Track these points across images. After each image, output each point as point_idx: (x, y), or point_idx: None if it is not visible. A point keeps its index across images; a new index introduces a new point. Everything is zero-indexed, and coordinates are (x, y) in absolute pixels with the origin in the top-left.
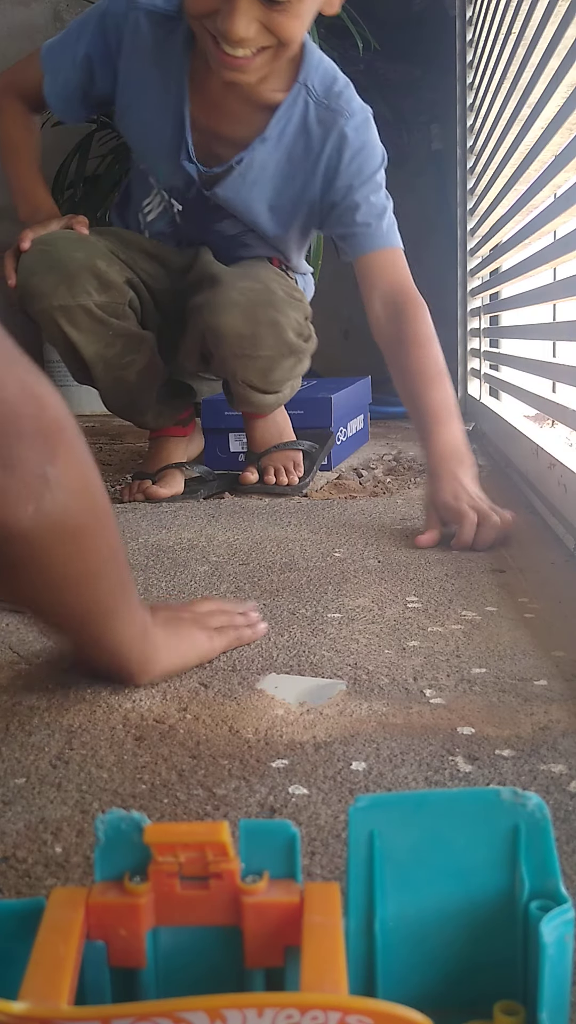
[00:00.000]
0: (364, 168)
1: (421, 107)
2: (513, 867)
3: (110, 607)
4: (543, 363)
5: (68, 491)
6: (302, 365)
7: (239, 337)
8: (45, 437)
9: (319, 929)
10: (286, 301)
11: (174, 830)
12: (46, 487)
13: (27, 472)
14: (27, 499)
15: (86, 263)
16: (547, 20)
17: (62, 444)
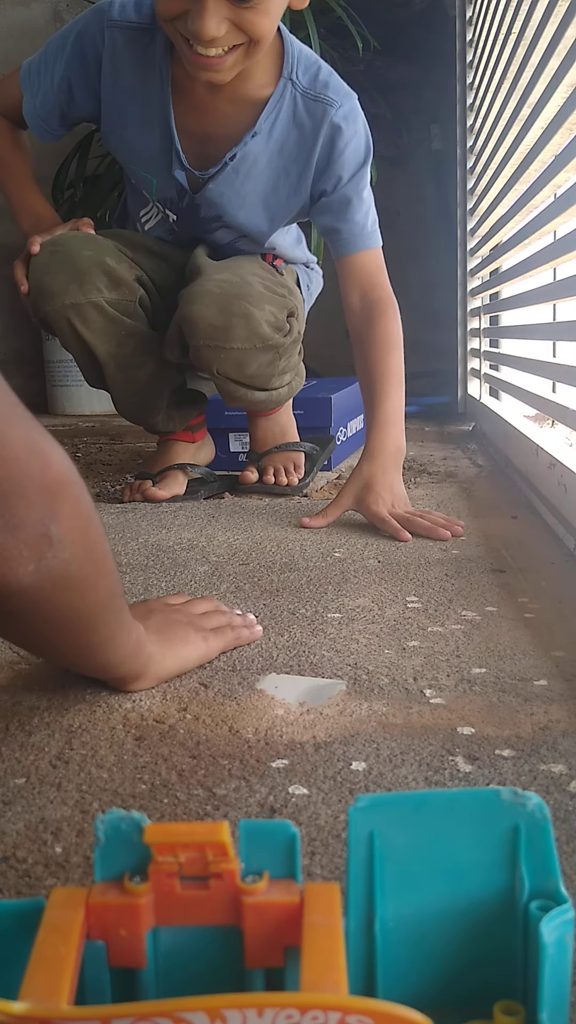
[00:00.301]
0: (355, 158)
1: (421, 107)
2: (513, 867)
3: (105, 638)
4: (543, 363)
5: (70, 546)
6: (286, 361)
7: (211, 327)
8: (49, 495)
9: (319, 929)
10: (263, 295)
11: (174, 830)
12: (48, 546)
13: (30, 532)
14: (29, 559)
15: (96, 260)
16: (547, 20)
17: (66, 501)
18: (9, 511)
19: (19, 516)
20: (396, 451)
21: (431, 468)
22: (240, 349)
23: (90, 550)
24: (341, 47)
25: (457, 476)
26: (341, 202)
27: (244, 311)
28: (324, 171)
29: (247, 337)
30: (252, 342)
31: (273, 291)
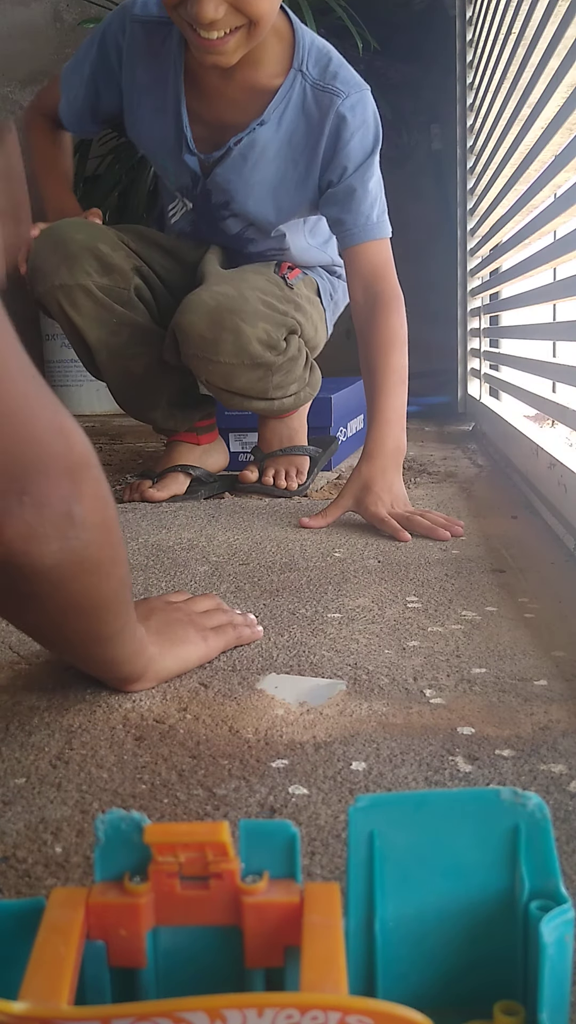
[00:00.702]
0: (361, 148)
1: (421, 107)
2: (513, 867)
3: (116, 631)
4: (543, 363)
5: (91, 528)
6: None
7: (201, 339)
8: (72, 475)
9: (319, 929)
10: (258, 312)
11: (174, 830)
12: (71, 525)
13: (54, 511)
14: (53, 538)
15: (87, 244)
16: (547, 20)
17: (88, 482)
18: (35, 489)
19: (44, 495)
20: (395, 451)
21: (431, 468)
22: (227, 364)
23: (108, 533)
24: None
25: (457, 476)
26: (346, 192)
27: (235, 327)
28: (330, 161)
29: (235, 353)
30: (240, 358)
31: (273, 308)
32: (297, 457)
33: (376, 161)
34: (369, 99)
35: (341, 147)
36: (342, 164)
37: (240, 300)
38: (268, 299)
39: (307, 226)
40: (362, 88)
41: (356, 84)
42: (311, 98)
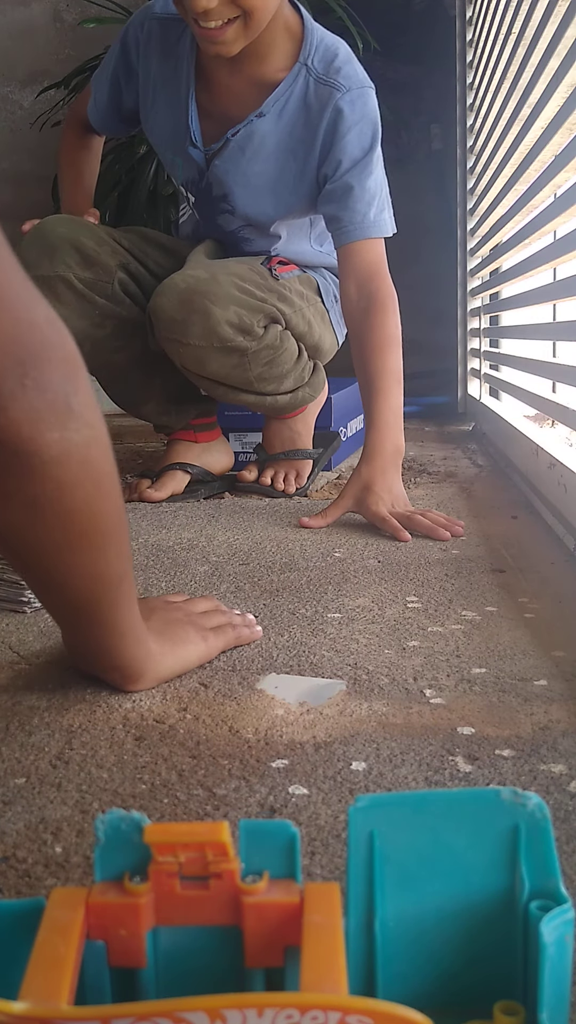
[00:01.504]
0: (359, 144)
1: (421, 107)
2: (513, 867)
3: (114, 585)
4: (543, 363)
5: (89, 427)
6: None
7: (171, 320)
8: (69, 366)
9: (319, 929)
10: (231, 296)
11: (174, 830)
12: (71, 416)
13: (55, 397)
14: (54, 424)
15: (68, 237)
16: (547, 20)
17: (82, 379)
18: (37, 373)
19: (45, 379)
20: (394, 452)
21: (431, 468)
22: (197, 346)
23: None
24: None
25: (457, 476)
26: (343, 189)
27: (204, 308)
28: (327, 155)
29: (203, 335)
30: (209, 340)
31: (250, 293)
32: (299, 461)
33: (376, 159)
34: (371, 97)
35: (337, 140)
36: (337, 158)
37: (211, 282)
38: (245, 285)
39: (314, 231)
40: (365, 85)
41: (359, 80)
42: (312, 91)
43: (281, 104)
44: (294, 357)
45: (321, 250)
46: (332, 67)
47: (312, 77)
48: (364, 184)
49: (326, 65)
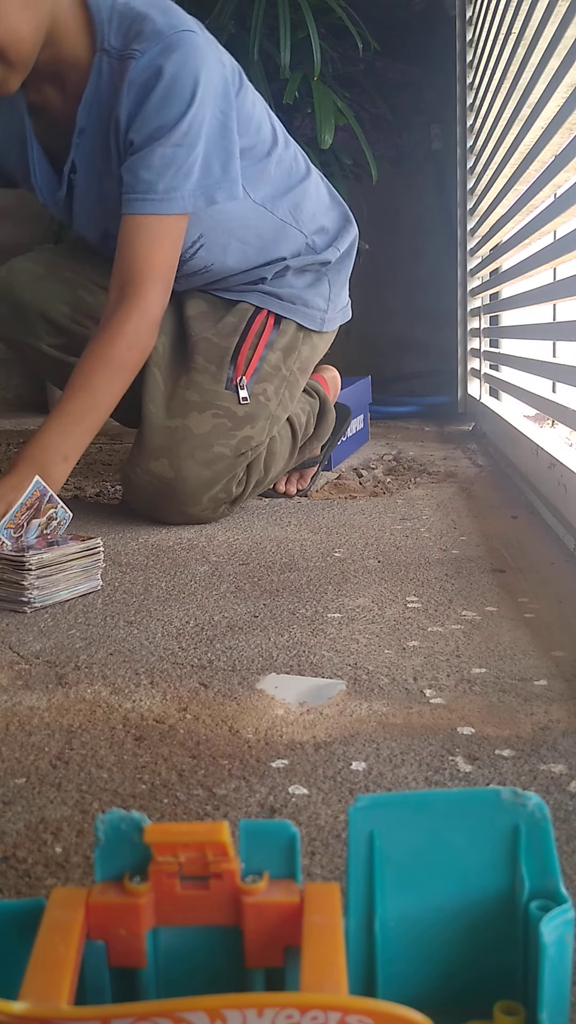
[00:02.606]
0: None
1: (421, 107)
2: (513, 867)
3: None
4: (543, 363)
5: None
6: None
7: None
8: None
9: (319, 929)
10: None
11: (174, 830)
12: None
13: None
14: None
15: (38, 308)
16: (547, 20)
17: None
18: None
19: None
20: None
21: (431, 468)
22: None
23: None
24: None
25: (457, 476)
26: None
27: (176, 509)
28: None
29: (186, 521)
30: (192, 520)
31: (219, 461)
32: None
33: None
34: (180, 48)
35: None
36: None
37: (178, 484)
38: (212, 451)
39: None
40: (171, 36)
41: (156, 34)
42: (116, 71)
43: (95, 108)
44: (287, 446)
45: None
46: (130, 34)
47: (113, 59)
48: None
49: (124, 36)
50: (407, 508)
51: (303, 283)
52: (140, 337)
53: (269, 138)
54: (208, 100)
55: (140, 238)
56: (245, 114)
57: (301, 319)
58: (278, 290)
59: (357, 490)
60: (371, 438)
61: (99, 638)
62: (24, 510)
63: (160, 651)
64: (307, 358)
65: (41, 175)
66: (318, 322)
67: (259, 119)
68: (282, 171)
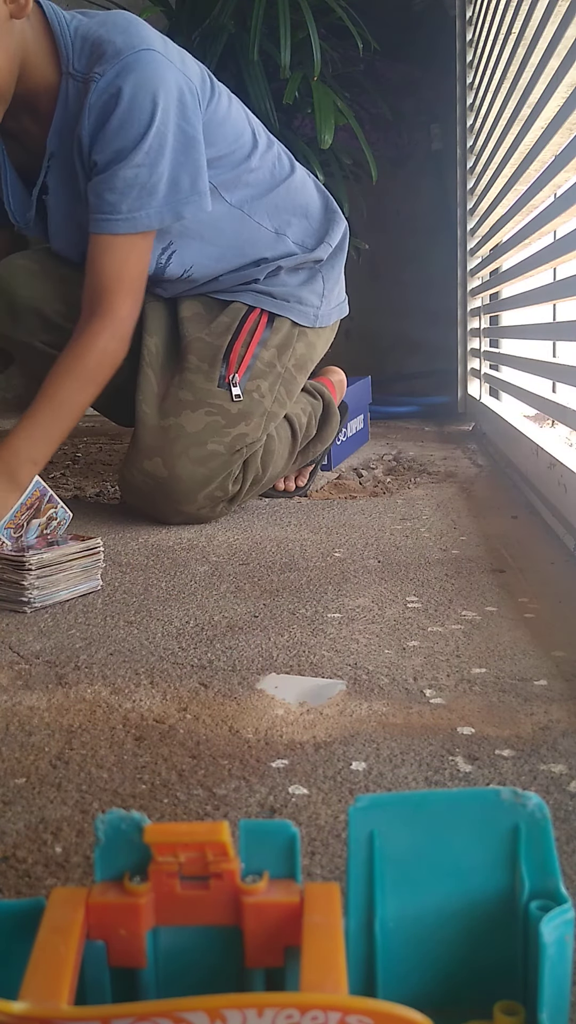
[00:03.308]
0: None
1: (421, 107)
2: (513, 867)
3: None
4: (543, 363)
5: None
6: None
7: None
8: None
9: (319, 929)
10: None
11: (174, 830)
12: None
13: None
14: None
15: (31, 304)
16: (547, 20)
17: None
18: None
19: None
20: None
21: (431, 468)
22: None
23: None
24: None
25: (457, 476)
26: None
27: (171, 507)
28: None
29: (184, 520)
30: (190, 519)
31: (214, 458)
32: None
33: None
34: (138, 67)
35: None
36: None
37: (172, 482)
38: (206, 449)
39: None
40: (125, 55)
41: (115, 55)
42: (80, 94)
43: (64, 132)
44: (287, 445)
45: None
46: (92, 57)
47: (77, 81)
48: (119, 174)
49: (87, 58)
50: (407, 508)
51: (296, 281)
52: (109, 352)
53: (249, 142)
54: (170, 117)
55: (107, 256)
56: (218, 121)
57: (295, 316)
58: (271, 288)
59: (357, 490)
60: (371, 438)
61: (99, 638)
62: (24, 510)
63: (160, 651)
64: (303, 355)
65: (14, 198)
66: (312, 318)
67: (236, 124)
68: (263, 173)
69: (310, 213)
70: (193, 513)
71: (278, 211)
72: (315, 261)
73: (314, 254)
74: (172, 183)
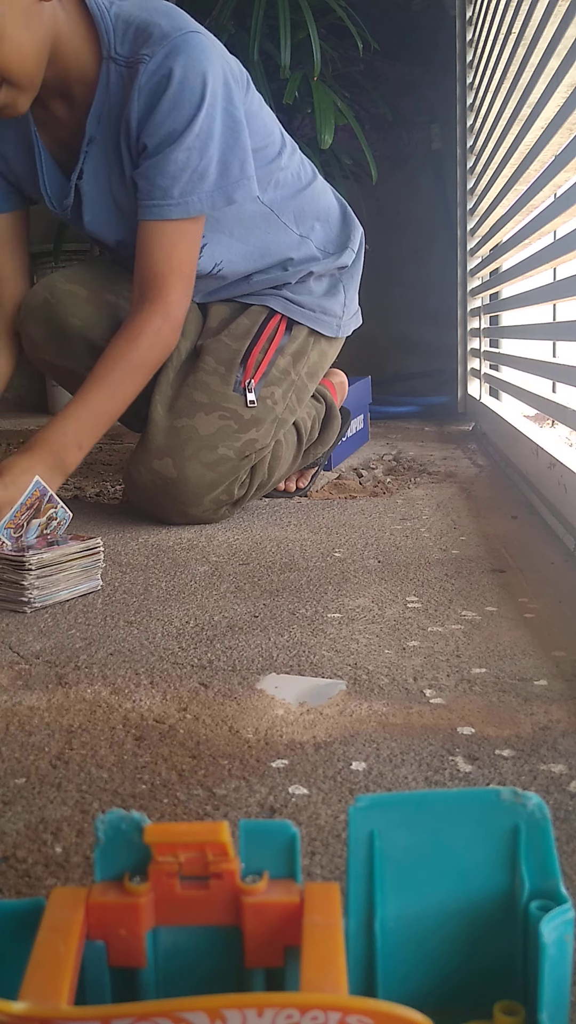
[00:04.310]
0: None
1: (421, 107)
2: (513, 867)
3: None
4: (543, 363)
5: None
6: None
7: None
8: None
9: (319, 929)
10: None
11: (174, 830)
12: None
13: None
14: None
15: (82, 331)
16: (547, 20)
17: None
18: None
19: None
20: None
21: (431, 468)
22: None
23: None
24: (341, 47)
25: (457, 476)
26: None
27: (181, 511)
28: (140, 134)
29: (187, 522)
30: (193, 520)
31: (223, 462)
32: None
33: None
34: (185, 49)
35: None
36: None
37: (180, 484)
38: (216, 453)
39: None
40: (173, 36)
41: (163, 37)
42: (125, 79)
43: (105, 117)
44: (292, 449)
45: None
46: (137, 41)
47: (121, 67)
48: (171, 156)
49: (130, 44)
50: (407, 508)
51: (321, 290)
52: (161, 337)
53: (278, 142)
54: (219, 99)
55: (158, 242)
56: (252, 114)
57: (319, 327)
58: (299, 297)
59: (357, 490)
60: (371, 438)
61: (99, 638)
62: (24, 510)
63: (160, 651)
64: (316, 363)
65: (51, 183)
66: (334, 328)
67: (267, 123)
68: (290, 174)
69: (331, 219)
70: (197, 515)
71: (303, 215)
72: (340, 268)
73: (340, 260)
74: (222, 166)
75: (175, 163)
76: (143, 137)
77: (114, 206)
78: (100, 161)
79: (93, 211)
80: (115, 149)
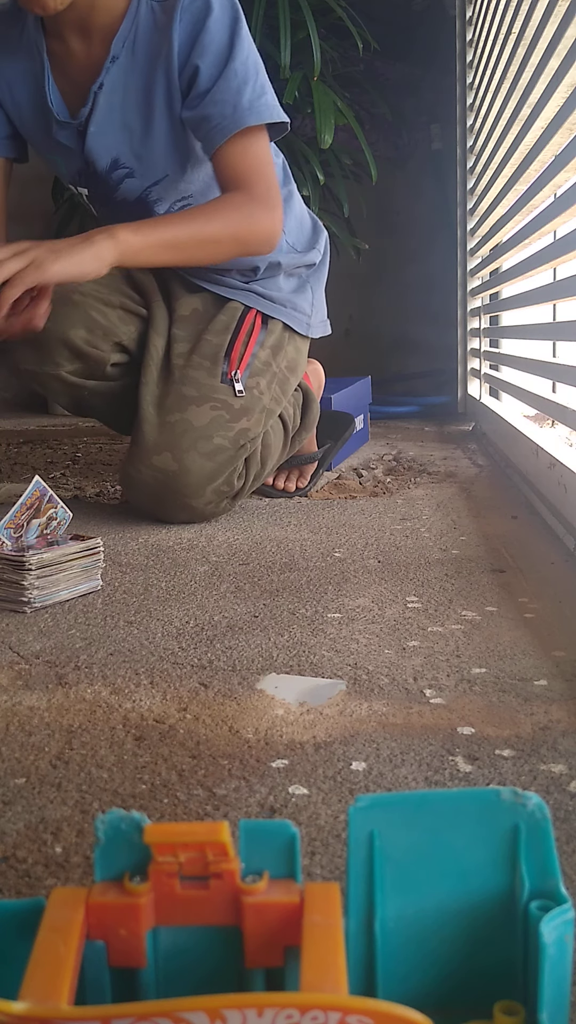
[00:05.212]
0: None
1: (421, 107)
2: (513, 867)
3: None
4: (543, 363)
5: None
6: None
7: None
8: None
9: (319, 929)
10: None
11: (174, 830)
12: None
13: None
14: None
15: (58, 334)
16: (547, 20)
17: None
18: None
19: None
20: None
21: (431, 468)
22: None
23: None
24: (341, 47)
25: (457, 476)
26: (208, 81)
27: (182, 504)
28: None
29: (189, 518)
30: (195, 517)
31: (220, 452)
32: (302, 465)
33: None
34: None
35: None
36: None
37: (182, 476)
38: (212, 443)
39: None
40: None
41: None
42: (159, 12)
43: (131, 42)
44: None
45: None
46: None
47: (153, 1)
48: (232, 67)
49: None
50: (407, 508)
51: (290, 287)
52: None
53: None
54: (249, 39)
55: (239, 154)
56: None
57: (290, 321)
58: (268, 292)
59: (357, 490)
60: (371, 438)
61: (99, 638)
62: (24, 510)
63: (160, 651)
64: (293, 359)
65: (56, 102)
66: (304, 326)
67: None
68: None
69: (303, 223)
70: (200, 508)
71: None
72: (307, 265)
73: (306, 258)
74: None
75: (236, 76)
76: (193, 58)
77: (121, 123)
78: (118, 79)
79: (99, 123)
80: (139, 73)
